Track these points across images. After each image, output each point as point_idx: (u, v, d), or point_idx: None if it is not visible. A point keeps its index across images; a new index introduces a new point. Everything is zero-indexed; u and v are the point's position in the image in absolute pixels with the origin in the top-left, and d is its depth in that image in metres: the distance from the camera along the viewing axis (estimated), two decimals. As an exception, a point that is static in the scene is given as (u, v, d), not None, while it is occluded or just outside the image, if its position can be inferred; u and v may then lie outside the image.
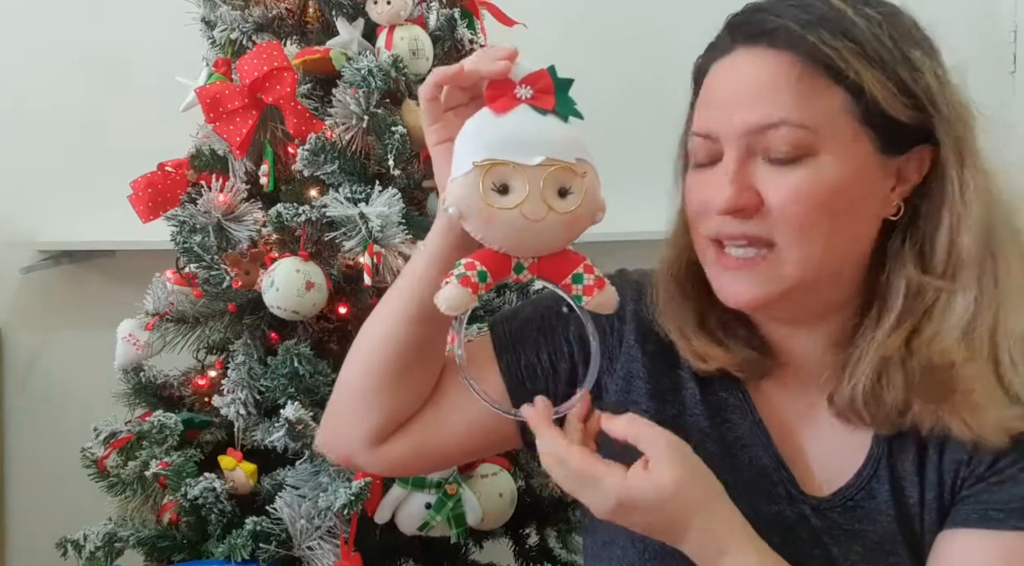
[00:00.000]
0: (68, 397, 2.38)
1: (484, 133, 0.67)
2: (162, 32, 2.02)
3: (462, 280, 0.67)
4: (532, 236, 0.67)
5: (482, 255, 0.69)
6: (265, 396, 1.63)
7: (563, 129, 0.69)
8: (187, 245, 1.66)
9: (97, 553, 1.59)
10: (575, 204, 0.67)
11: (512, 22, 1.93)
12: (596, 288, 0.69)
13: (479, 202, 0.66)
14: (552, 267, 0.70)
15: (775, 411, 0.85)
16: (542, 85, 0.69)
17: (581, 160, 0.68)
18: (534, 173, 0.66)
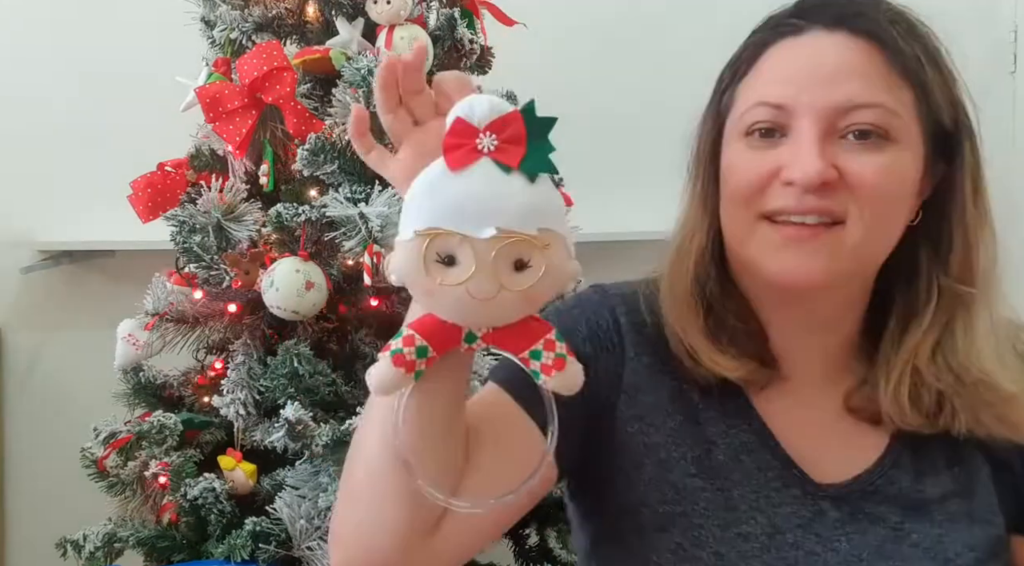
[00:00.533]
0: (68, 397, 2.38)
1: (433, 193, 0.57)
2: (162, 32, 2.02)
3: (396, 359, 0.59)
4: (481, 313, 0.58)
5: (426, 324, 0.60)
6: (265, 396, 1.63)
7: (527, 192, 0.56)
8: (187, 245, 1.66)
9: (97, 553, 1.60)
10: (532, 280, 0.57)
11: (512, 22, 1.93)
12: (555, 369, 0.60)
13: (420, 275, 0.57)
14: (509, 338, 0.60)
15: (779, 416, 0.84)
16: (510, 133, 0.57)
17: (545, 230, 0.56)
18: (484, 246, 0.55)
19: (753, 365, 0.82)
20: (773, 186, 0.76)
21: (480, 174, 0.57)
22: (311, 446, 1.54)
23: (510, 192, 0.56)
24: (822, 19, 0.77)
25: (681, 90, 0.86)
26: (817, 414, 0.85)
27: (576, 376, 0.61)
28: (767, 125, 0.77)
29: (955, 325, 0.80)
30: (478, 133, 0.57)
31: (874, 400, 0.82)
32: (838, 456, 0.83)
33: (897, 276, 0.83)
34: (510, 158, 0.57)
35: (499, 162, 0.57)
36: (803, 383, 0.85)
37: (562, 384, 0.61)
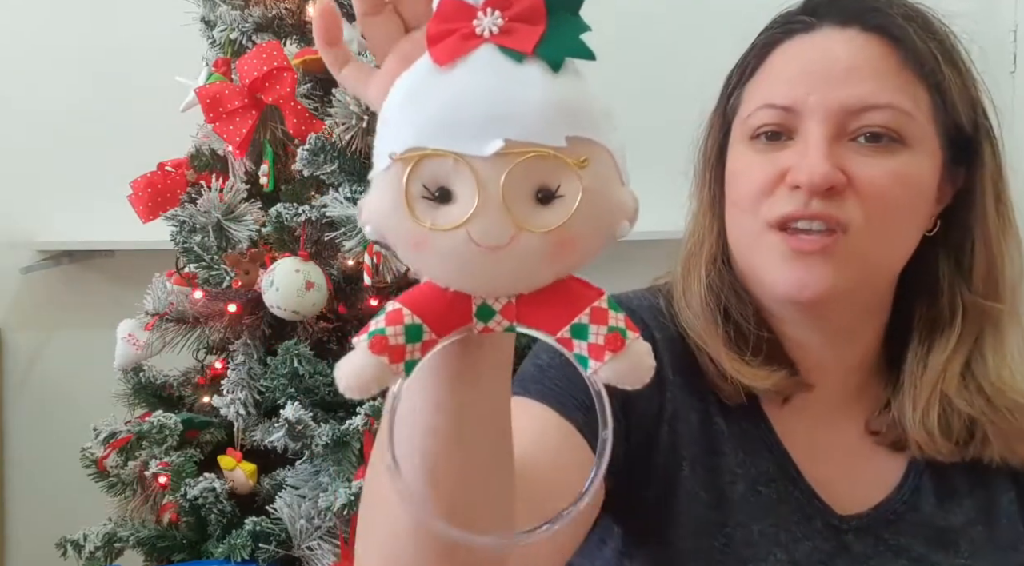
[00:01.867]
0: (68, 397, 2.38)
1: (415, 101, 0.40)
2: (162, 32, 2.02)
3: (375, 343, 0.40)
4: (493, 270, 0.39)
5: (421, 295, 0.42)
6: (265, 396, 1.63)
7: (549, 86, 0.39)
8: (187, 245, 1.66)
9: (97, 553, 1.60)
10: (564, 214, 0.38)
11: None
12: (608, 349, 0.40)
13: (402, 219, 0.39)
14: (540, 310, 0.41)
15: (799, 439, 0.79)
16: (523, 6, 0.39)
17: (578, 140, 0.39)
18: (489, 168, 0.38)
19: (781, 373, 0.76)
20: (779, 190, 0.72)
21: (480, 67, 0.39)
22: (311, 446, 1.54)
23: (523, 88, 0.39)
24: (833, 15, 0.74)
25: (682, 90, 0.86)
26: (837, 437, 0.80)
27: (641, 360, 0.41)
28: (773, 128, 0.73)
29: (984, 344, 0.76)
30: (475, 11, 0.40)
31: (899, 426, 0.77)
32: (859, 482, 0.79)
33: (918, 290, 0.78)
34: (522, 41, 0.39)
35: (506, 48, 0.39)
36: (823, 400, 0.80)
37: (620, 372, 0.40)
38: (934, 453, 0.76)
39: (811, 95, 0.71)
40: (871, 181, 0.70)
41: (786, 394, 0.78)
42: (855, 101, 0.70)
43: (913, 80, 0.72)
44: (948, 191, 0.76)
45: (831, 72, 0.71)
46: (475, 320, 0.42)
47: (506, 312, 0.41)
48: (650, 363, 0.40)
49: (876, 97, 0.70)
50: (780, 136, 0.73)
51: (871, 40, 0.72)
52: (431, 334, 0.41)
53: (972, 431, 0.76)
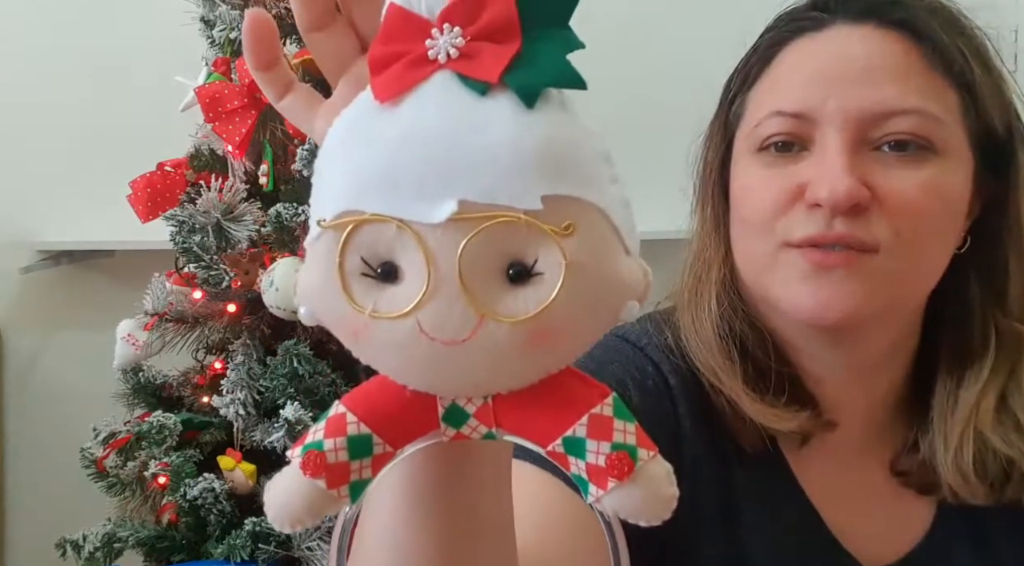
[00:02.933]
0: (68, 397, 2.38)
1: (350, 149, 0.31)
2: (162, 32, 2.01)
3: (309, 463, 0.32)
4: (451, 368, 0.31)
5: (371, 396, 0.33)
6: (265, 396, 1.63)
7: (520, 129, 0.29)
8: (186, 245, 1.66)
9: (96, 553, 1.60)
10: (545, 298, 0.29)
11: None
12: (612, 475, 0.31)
13: (338, 301, 0.31)
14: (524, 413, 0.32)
15: (821, 483, 0.72)
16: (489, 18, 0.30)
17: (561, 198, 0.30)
18: (443, 239, 0.29)
19: (804, 414, 0.68)
20: (795, 209, 0.64)
21: (432, 103, 0.30)
22: (311, 446, 1.54)
23: (486, 131, 0.29)
24: (848, 10, 0.66)
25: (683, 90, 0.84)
26: (862, 479, 0.73)
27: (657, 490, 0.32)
28: (785, 138, 0.65)
29: (1021, 374, 0.68)
30: (429, 27, 0.30)
31: (929, 467, 0.70)
32: (886, 529, 0.72)
33: (946, 315, 0.70)
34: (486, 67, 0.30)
35: (465, 76, 0.30)
36: (846, 440, 0.72)
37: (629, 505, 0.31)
38: (968, 497, 0.69)
39: (828, 100, 0.63)
40: (900, 195, 0.62)
41: (806, 436, 0.71)
42: (878, 106, 0.62)
43: (940, 80, 0.64)
44: (977, 203, 0.68)
45: (848, 73, 0.63)
46: (443, 425, 0.33)
47: (482, 415, 0.32)
48: (669, 493, 0.32)
49: (901, 101, 0.62)
50: (792, 147, 0.65)
51: (890, 37, 0.64)
52: (385, 447, 0.32)
53: (1009, 472, 0.68)
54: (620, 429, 0.32)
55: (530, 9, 0.30)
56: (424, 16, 0.31)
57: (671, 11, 2.49)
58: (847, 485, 0.73)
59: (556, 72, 0.30)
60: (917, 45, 0.64)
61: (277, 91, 0.39)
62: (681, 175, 0.79)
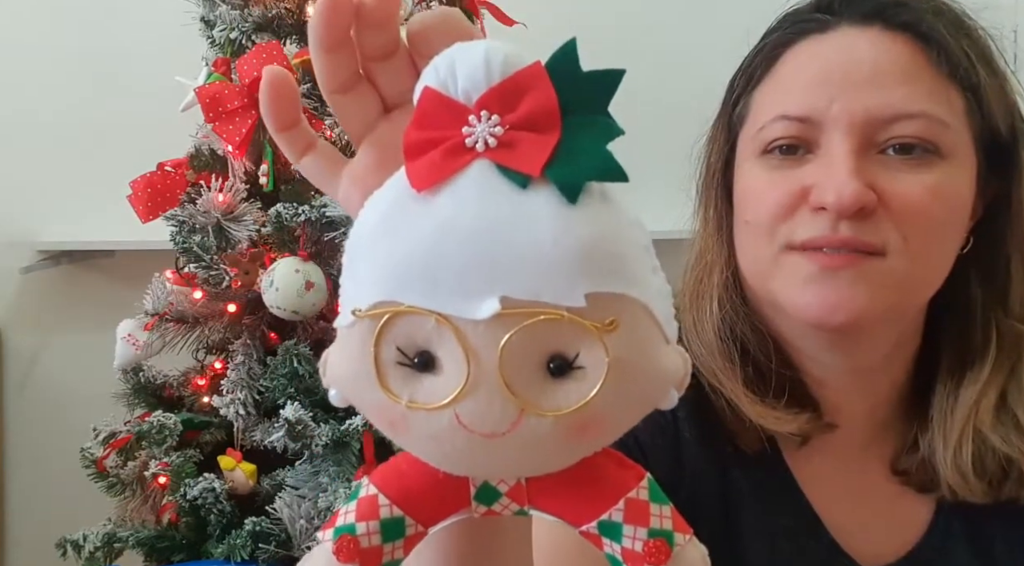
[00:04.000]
0: (68, 397, 2.38)
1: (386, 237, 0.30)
2: (162, 32, 2.01)
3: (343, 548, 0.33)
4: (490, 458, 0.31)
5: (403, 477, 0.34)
6: (265, 396, 1.63)
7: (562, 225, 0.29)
8: (187, 245, 1.66)
9: (97, 553, 1.60)
10: (587, 393, 0.29)
11: (512, 22, 1.93)
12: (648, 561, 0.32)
13: (372, 390, 0.31)
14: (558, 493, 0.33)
15: (821, 483, 0.73)
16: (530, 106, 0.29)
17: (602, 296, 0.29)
18: (484, 334, 0.29)
19: (804, 416, 0.69)
20: (800, 212, 0.64)
21: (471, 195, 0.29)
22: (311, 446, 1.54)
23: (528, 226, 0.29)
24: (853, 12, 0.65)
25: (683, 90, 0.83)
26: (862, 479, 0.73)
27: None
28: (790, 141, 0.65)
29: (1021, 374, 0.68)
30: (466, 114, 0.30)
31: (929, 466, 0.70)
32: (885, 529, 0.72)
33: (947, 314, 0.71)
34: (527, 159, 0.29)
35: (505, 167, 0.29)
36: (846, 441, 0.73)
37: None
38: (967, 495, 0.69)
39: (834, 103, 0.63)
40: (905, 198, 0.62)
41: (806, 437, 0.71)
42: (884, 109, 0.62)
43: (946, 83, 0.64)
44: (980, 204, 0.69)
45: (854, 76, 0.63)
46: (475, 503, 0.33)
47: (515, 494, 0.33)
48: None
49: (907, 105, 0.62)
50: (797, 150, 0.65)
51: (896, 39, 0.64)
52: (417, 527, 0.33)
53: (1007, 470, 0.68)
54: (656, 514, 0.32)
55: (569, 96, 0.29)
56: (461, 101, 0.30)
57: (675, 10, 2.49)
58: (847, 485, 0.73)
59: (598, 166, 0.29)
60: (923, 48, 0.64)
61: (297, 150, 0.39)
62: (682, 175, 0.78)
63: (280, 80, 0.36)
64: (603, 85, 0.29)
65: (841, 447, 0.73)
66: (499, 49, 0.30)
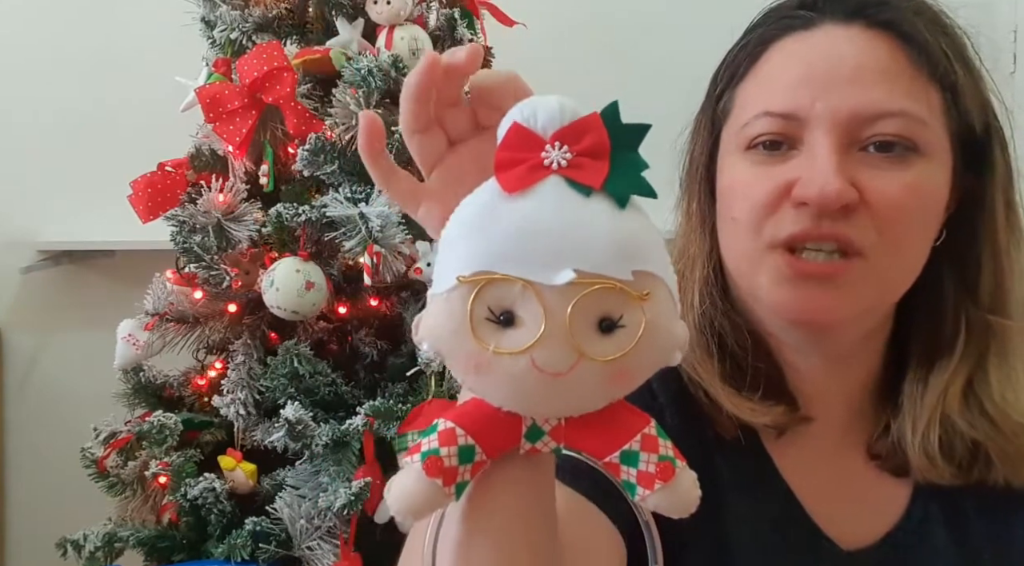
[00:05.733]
0: (68, 397, 2.38)
1: (483, 225, 0.41)
2: (162, 32, 2.02)
3: (430, 465, 0.41)
4: (551, 394, 0.40)
5: (474, 414, 0.43)
6: (265, 396, 1.63)
7: (615, 222, 0.40)
8: (187, 245, 1.66)
9: (97, 553, 1.60)
10: (627, 345, 0.40)
11: (512, 22, 1.93)
12: (658, 479, 0.42)
13: (465, 340, 0.40)
14: (589, 434, 0.43)
15: (802, 470, 0.75)
16: (588, 143, 0.41)
17: (643, 274, 0.40)
18: (557, 297, 0.39)
19: (779, 408, 0.71)
20: (783, 208, 0.65)
21: (549, 198, 0.41)
22: (311, 446, 1.54)
23: (592, 222, 0.40)
24: (836, 9, 0.66)
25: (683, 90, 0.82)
26: (840, 466, 0.75)
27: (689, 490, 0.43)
28: (773, 137, 0.66)
29: (988, 363, 0.70)
30: (544, 144, 0.41)
31: (900, 450, 0.73)
32: (864, 513, 0.74)
33: (920, 304, 0.72)
34: (591, 176, 0.41)
35: (574, 182, 0.41)
36: (824, 428, 0.75)
37: (669, 501, 0.42)
38: (936, 478, 0.71)
39: (817, 101, 0.64)
40: (885, 196, 0.64)
41: (783, 429, 0.73)
42: (866, 107, 0.64)
43: (925, 81, 0.65)
44: (954, 198, 0.70)
45: (837, 75, 0.64)
46: (523, 440, 0.43)
47: (555, 434, 0.43)
48: (697, 494, 0.43)
49: (888, 103, 0.64)
50: (781, 146, 0.67)
51: (878, 38, 0.65)
52: (482, 455, 0.42)
53: (975, 453, 0.70)
54: (663, 445, 0.43)
55: (615, 137, 0.42)
56: (539, 134, 0.42)
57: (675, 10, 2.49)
58: (826, 472, 0.75)
59: (639, 185, 0.41)
60: (903, 46, 0.65)
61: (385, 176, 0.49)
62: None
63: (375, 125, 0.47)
64: (636, 132, 0.42)
65: (820, 436, 0.75)
66: (567, 102, 0.42)
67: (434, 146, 0.48)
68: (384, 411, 1.57)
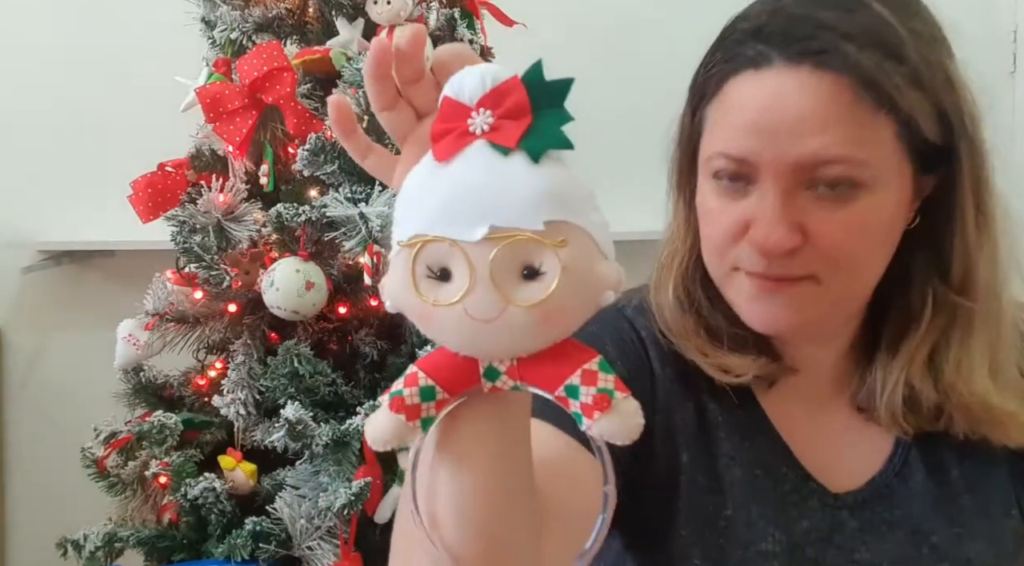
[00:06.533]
0: (68, 397, 2.38)
1: (420, 193, 0.46)
2: (162, 32, 2.02)
3: (394, 403, 0.47)
4: (488, 338, 0.45)
5: (434, 359, 0.48)
6: (265, 396, 1.64)
7: (529, 177, 0.44)
8: (187, 245, 1.66)
9: (97, 553, 1.60)
10: (547, 290, 0.44)
11: (512, 22, 1.93)
12: (596, 409, 0.46)
13: (410, 296, 0.46)
14: (539, 370, 0.47)
15: (791, 420, 0.82)
16: (508, 106, 0.45)
17: (555, 223, 0.44)
18: (477, 251, 0.44)
19: (762, 360, 0.79)
20: (743, 242, 0.72)
21: (473, 161, 0.45)
22: (311, 446, 1.54)
23: (507, 179, 0.44)
24: (785, 48, 0.69)
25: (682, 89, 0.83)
26: (829, 417, 0.83)
27: (629, 418, 0.46)
28: (731, 175, 0.72)
29: (951, 337, 0.77)
30: (470, 112, 0.45)
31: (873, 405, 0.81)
32: (851, 460, 0.81)
33: (897, 279, 0.78)
34: (506, 137, 0.44)
35: (494, 143, 0.45)
36: (812, 384, 0.83)
37: (609, 429, 0.46)
38: (899, 433, 0.80)
39: (763, 152, 0.69)
40: (829, 236, 0.70)
41: (771, 379, 0.81)
42: (807, 158, 0.68)
43: (871, 115, 0.68)
44: (929, 182, 0.74)
45: (781, 125, 0.68)
46: (483, 380, 0.48)
47: (510, 372, 0.48)
48: (639, 421, 0.46)
49: (828, 151, 0.68)
50: (740, 179, 0.72)
51: (825, 81, 0.67)
52: (443, 394, 0.48)
53: (938, 414, 0.78)
54: (603, 378, 0.46)
55: (538, 96, 0.45)
56: (466, 103, 0.46)
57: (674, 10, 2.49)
58: (816, 424, 0.82)
59: (553, 139, 0.45)
60: (850, 84, 0.67)
61: (362, 152, 0.53)
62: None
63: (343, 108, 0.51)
64: (559, 88, 0.46)
65: (808, 390, 0.82)
66: (490, 69, 0.46)
67: (402, 120, 0.52)
68: (384, 411, 1.57)
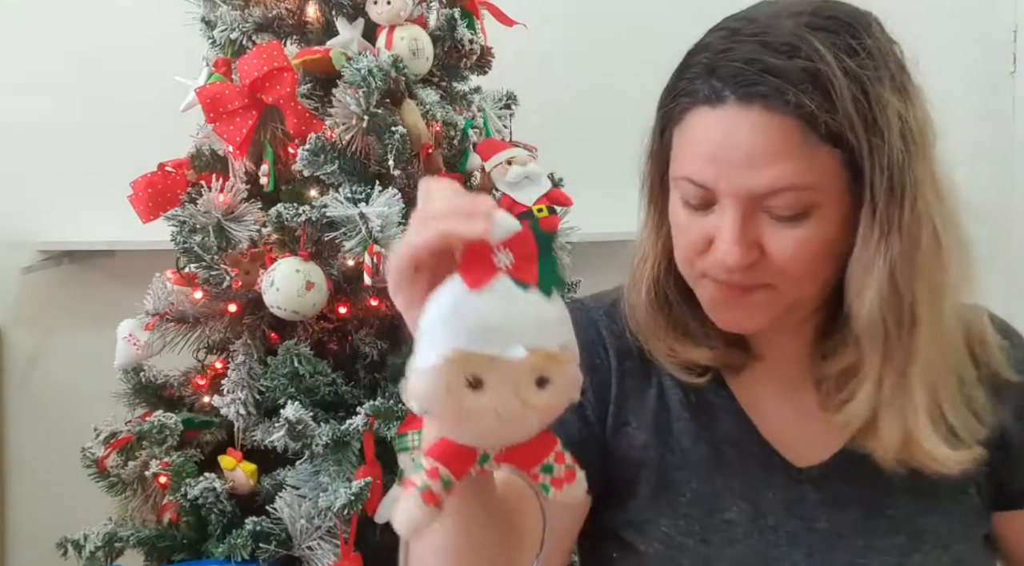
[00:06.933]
0: (68, 397, 2.38)
1: (457, 315, 0.55)
2: (162, 32, 2.02)
3: (425, 496, 0.56)
4: (503, 433, 0.57)
5: (443, 451, 0.58)
6: (265, 396, 1.64)
7: (546, 308, 0.56)
8: (187, 245, 1.66)
9: (97, 553, 1.60)
10: (552, 396, 0.56)
11: (512, 22, 1.93)
12: (566, 481, 0.60)
13: (449, 401, 0.54)
14: (521, 455, 0.59)
15: (757, 401, 0.88)
16: (523, 250, 0.56)
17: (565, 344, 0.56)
18: (515, 366, 0.54)
19: (730, 350, 0.86)
20: (707, 255, 0.79)
21: (501, 292, 0.55)
22: (311, 446, 1.54)
23: (531, 309, 0.56)
24: (736, 91, 0.74)
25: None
26: (796, 396, 0.87)
27: (582, 483, 0.61)
28: (692, 197, 0.78)
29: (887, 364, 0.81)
30: (493, 251, 0.56)
31: None
32: (816, 435, 0.86)
33: None
34: (527, 274, 0.56)
35: (516, 279, 0.55)
36: (780, 365, 0.88)
37: (573, 493, 0.61)
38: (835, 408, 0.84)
39: (720, 181, 0.75)
40: (782, 253, 0.76)
41: (739, 367, 0.88)
42: (759, 188, 0.74)
43: (816, 148, 0.73)
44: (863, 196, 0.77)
45: (734, 159, 0.75)
46: (477, 464, 0.59)
47: (498, 458, 0.59)
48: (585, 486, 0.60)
49: (779, 182, 0.74)
50: (704, 199, 0.78)
51: (774, 120, 0.73)
52: (454, 480, 0.58)
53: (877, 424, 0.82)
54: (567, 457, 0.60)
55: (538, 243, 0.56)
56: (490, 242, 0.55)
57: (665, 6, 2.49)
58: (783, 402, 0.88)
59: (556, 280, 0.57)
60: (798, 125, 0.73)
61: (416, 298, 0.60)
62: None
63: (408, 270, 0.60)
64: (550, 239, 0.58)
65: (777, 374, 0.88)
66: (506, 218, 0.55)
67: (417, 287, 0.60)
68: (384, 411, 1.57)
